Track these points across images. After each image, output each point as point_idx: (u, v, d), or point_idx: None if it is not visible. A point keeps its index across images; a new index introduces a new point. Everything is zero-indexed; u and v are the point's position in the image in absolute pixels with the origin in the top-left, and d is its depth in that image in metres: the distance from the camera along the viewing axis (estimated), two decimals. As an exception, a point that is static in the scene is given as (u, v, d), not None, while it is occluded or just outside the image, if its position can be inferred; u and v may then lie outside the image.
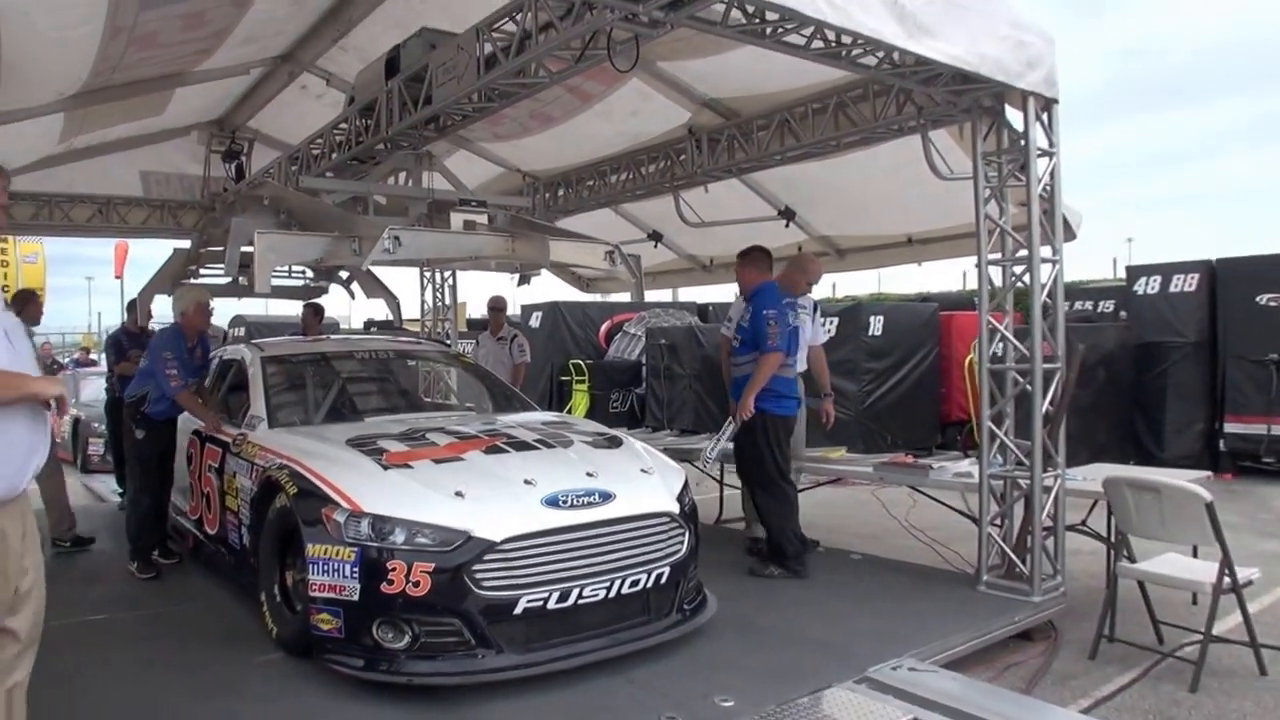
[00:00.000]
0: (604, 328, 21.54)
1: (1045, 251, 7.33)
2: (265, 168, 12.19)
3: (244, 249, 8.33)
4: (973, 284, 7.65)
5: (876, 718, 5.18)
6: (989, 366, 7.55)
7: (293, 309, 16.13)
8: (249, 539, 7.03)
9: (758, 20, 5.94)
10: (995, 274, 7.62)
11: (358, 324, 28.73)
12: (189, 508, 8.84)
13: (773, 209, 11.55)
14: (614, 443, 7.19)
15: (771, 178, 11.09)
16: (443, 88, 7.63)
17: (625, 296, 20.17)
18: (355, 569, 5.50)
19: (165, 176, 14.49)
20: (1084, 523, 7.94)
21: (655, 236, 13.42)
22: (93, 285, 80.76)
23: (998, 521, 7.66)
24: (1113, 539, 7.22)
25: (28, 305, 10.29)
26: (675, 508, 6.37)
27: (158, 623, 7.20)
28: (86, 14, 7.02)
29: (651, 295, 20.31)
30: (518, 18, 6.70)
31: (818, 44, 6.35)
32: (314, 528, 5.78)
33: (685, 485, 6.72)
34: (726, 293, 25.55)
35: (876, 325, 15.45)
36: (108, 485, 13.69)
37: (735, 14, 5.93)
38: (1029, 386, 7.26)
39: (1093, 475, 7.72)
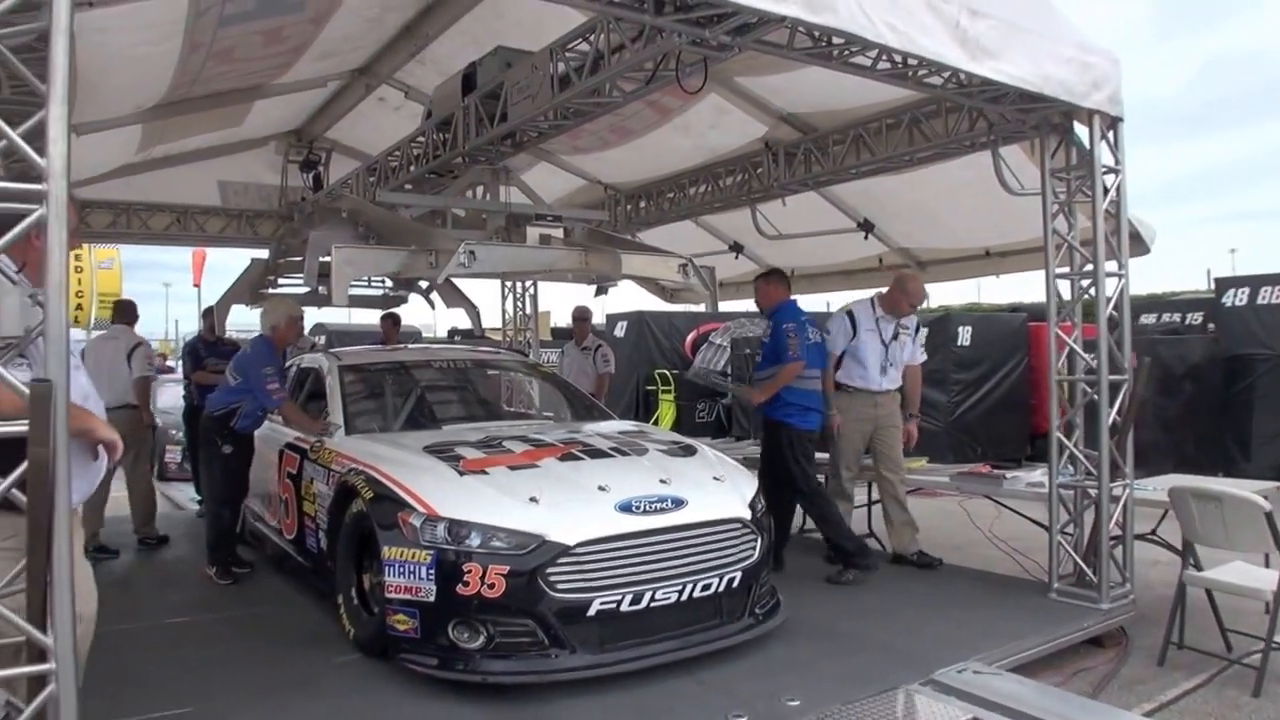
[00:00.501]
0: (690, 338, 21.66)
1: (1111, 266, 7.60)
2: (343, 178, 12.63)
3: (322, 259, 8.62)
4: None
5: (937, 717, 5.47)
6: (1057, 378, 7.82)
7: (374, 317, 16.52)
8: (326, 543, 7.36)
9: (824, 43, 6.24)
10: (1064, 287, 7.87)
11: (442, 333, 29.23)
12: (268, 514, 9.27)
13: (851, 221, 11.76)
14: (688, 451, 7.45)
15: (849, 191, 11.30)
16: (518, 105, 8.01)
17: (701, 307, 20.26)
18: (431, 571, 5.81)
19: (243, 186, 14.84)
20: (1154, 532, 8.18)
21: (736, 248, 13.64)
22: (170, 292, 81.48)
23: (1069, 530, 7.92)
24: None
25: (133, 316, 10.98)
26: (747, 514, 6.61)
27: (236, 625, 7.57)
28: (165, 32, 7.39)
29: (737, 305, 20.47)
30: (591, 38, 7.07)
31: (884, 65, 6.62)
32: (390, 531, 6.09)
33: (758, 493, 6.97)
34: (810, 302, 25.59)
35: (965, 335, 15.70)
36: (185, 493, 13.94)
37: (801, 37, 6.20)
38: (1097, 397, 7.53)
39: (1164, 485, 7.88)
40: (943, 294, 57.79)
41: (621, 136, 11.33)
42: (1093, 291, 7.60)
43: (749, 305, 21.40)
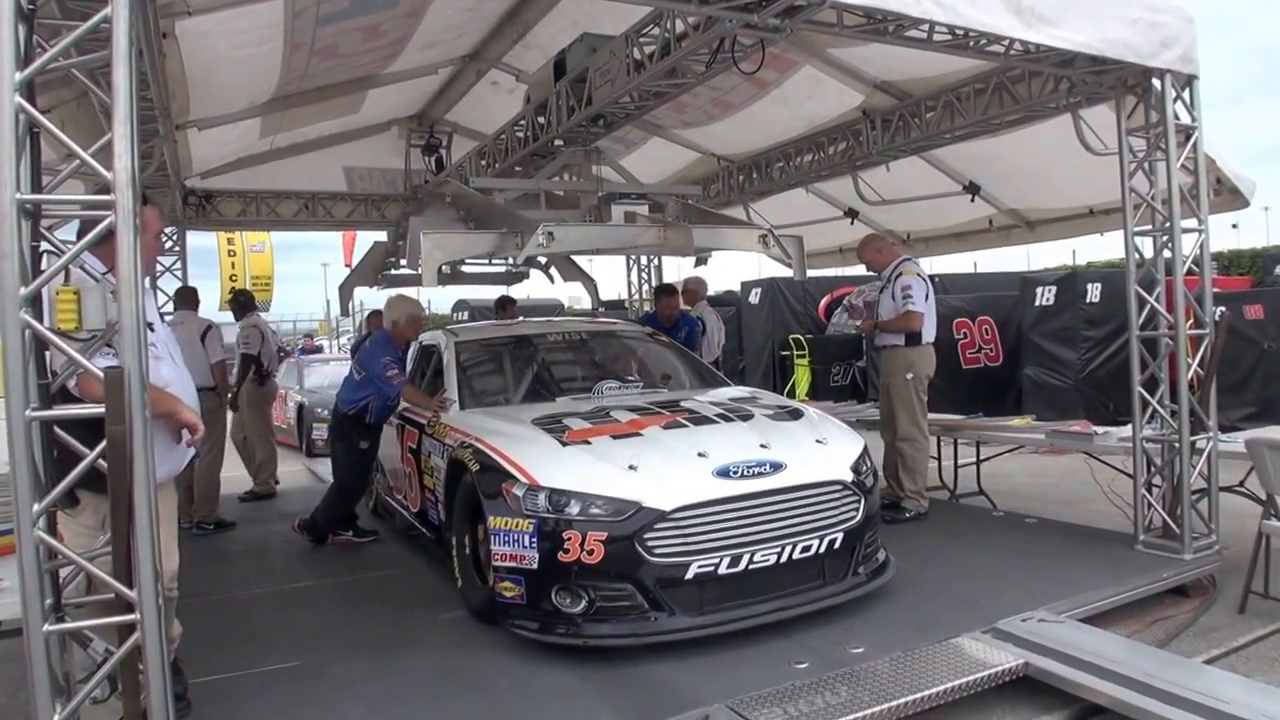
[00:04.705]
0: (823, 302, 21.83)
1: (1190, 223, 7.81)
2: (458, 162, 13.16)
3: (421, 242, 9.14)
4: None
5: (989, 663, 5.75)
6: (1138, 334, 7.99)
7: (527, 291, 17.10)
8: (444, 515, 7.80)
9: (877, 19, 6.46)
10: (1146, 245, 8.05)
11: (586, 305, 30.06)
12: (395, 488, 9.88)
13: (957, 184, 11.97)
14: (795, 415, 7.69)
15: (951, 154, 11.51)
16: (600, 89, 8.45)
17: (832, 272, 20.55)
18: (534, 539, 6.15)
19: (368, 171, 15.43)
20: (1242, 484, 8.31)
21: (851, 214, 13.85)
22: (328, 272, 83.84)
23: (1159, 483, 8.13)
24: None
25: (195, 301, 11.78)
26: (848, 476, 6.82)
27: (355, 588, 8.24)
28: (264, 34, 7.96)
29: (860, 270, 20.47)
30: (662, 24, 7.45)
31: (942, 37, 6.86)
32: (495, 501, 6.48)
33: (862, 455, 7.16)
34: (944, 264, 25.61)
35: (1094, 292, 15.61)
36: (330, 468, 14.66)
37: (851, 16, 6.50)
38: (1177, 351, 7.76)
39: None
40: (1088, 250, 56.97)
41: (724, 110, 11.68)
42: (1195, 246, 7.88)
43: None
